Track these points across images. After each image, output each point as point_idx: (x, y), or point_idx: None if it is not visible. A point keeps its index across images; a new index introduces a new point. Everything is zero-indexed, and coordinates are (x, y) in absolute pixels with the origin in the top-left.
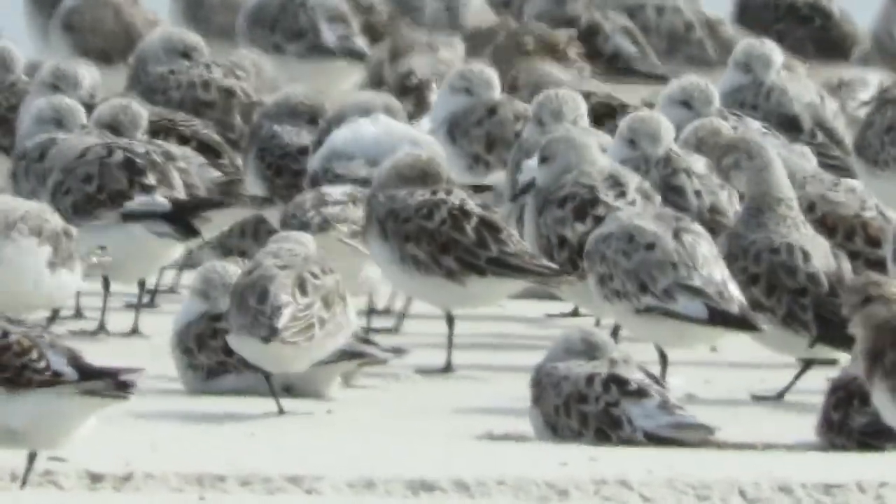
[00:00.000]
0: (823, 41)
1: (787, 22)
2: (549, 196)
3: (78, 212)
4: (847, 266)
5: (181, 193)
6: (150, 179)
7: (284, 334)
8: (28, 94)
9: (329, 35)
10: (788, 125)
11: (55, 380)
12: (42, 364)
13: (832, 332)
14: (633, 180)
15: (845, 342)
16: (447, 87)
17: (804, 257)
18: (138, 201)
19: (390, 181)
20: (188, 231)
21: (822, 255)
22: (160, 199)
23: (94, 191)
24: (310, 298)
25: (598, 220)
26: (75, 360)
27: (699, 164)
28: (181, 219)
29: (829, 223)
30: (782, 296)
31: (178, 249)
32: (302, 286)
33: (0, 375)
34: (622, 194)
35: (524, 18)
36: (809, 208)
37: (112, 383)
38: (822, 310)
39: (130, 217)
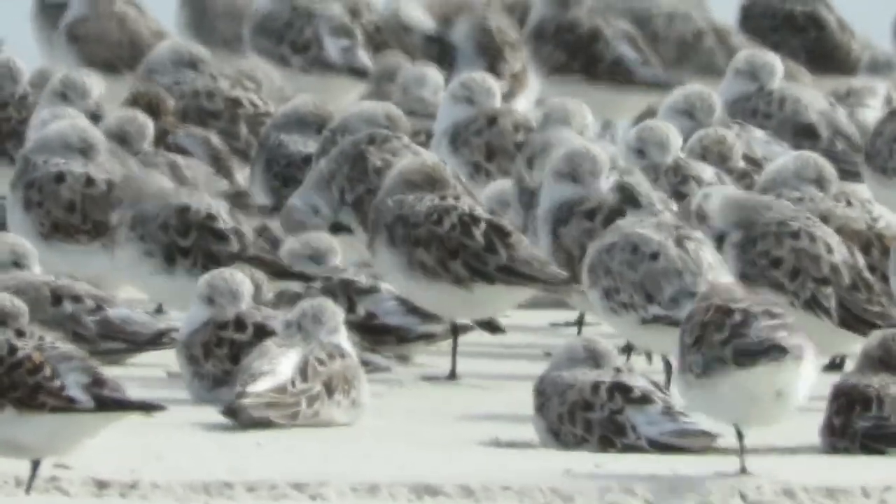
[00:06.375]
0: (817, 52)
1: (784, 31)
2: (575, 208)
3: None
4: (860, 257)
5: None
6: None
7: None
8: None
9: (332, 49)
10: (804, 134)
11: (70, 406)
12: (56, 384)
13: (855, 319)
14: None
15: (867, 330)
16: (449, 97)
17: (827, 248)
18: None
19: (397, 187)
20: None
21: (837, 242)
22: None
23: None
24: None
25: None
26: (92, 378)
27: (708, 172)
28: None
29: (845, 236)
30: (806, 281)
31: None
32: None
33: (11, 394)
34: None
35: (526, 26)
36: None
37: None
38: (844, 300)
39: None
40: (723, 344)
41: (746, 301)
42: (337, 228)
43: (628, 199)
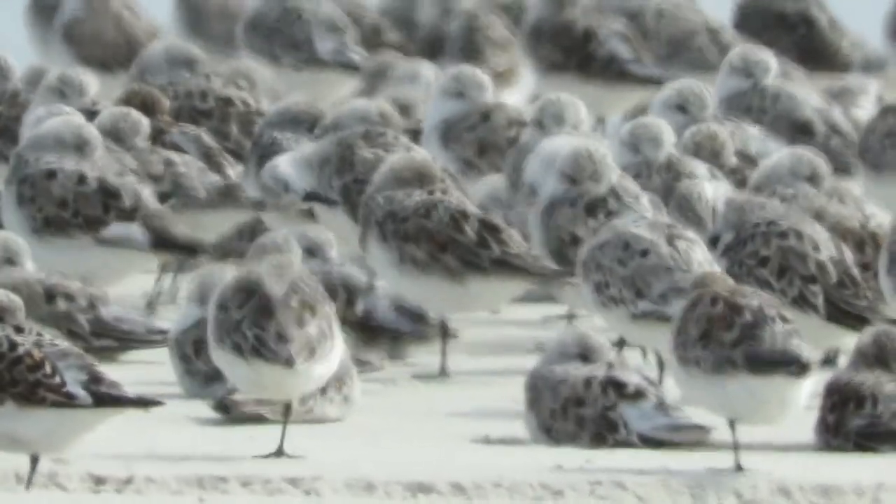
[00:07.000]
0: (807, 50)
1: (775, 30)
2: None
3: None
4: (848, 253)
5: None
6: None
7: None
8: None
9: (324, 46)
10: (800, 130)
11: (69, 402)
12: (56, 380)
13: (842, 314)
14: (641, 193)
15: (855, 324)
16: (440, 92)
17: (814, 246)
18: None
19: (387, 183)
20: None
21: (825, 240)
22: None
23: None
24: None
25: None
26: (90, 375)
27: (700, 168)
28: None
29: (838, 234)
30: (794, 279)
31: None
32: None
33: (12, 390)
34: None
35: (522, 25)
36: (817, 218)
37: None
38: (831, 296)
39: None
40: (733, 345)
41: (753, 298)
42: (311, 198)
43: None
